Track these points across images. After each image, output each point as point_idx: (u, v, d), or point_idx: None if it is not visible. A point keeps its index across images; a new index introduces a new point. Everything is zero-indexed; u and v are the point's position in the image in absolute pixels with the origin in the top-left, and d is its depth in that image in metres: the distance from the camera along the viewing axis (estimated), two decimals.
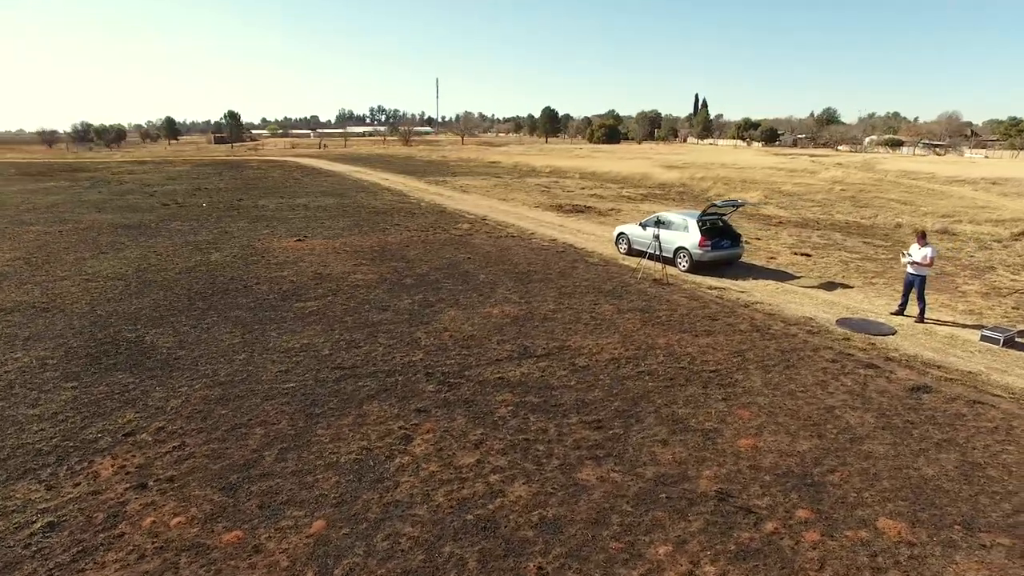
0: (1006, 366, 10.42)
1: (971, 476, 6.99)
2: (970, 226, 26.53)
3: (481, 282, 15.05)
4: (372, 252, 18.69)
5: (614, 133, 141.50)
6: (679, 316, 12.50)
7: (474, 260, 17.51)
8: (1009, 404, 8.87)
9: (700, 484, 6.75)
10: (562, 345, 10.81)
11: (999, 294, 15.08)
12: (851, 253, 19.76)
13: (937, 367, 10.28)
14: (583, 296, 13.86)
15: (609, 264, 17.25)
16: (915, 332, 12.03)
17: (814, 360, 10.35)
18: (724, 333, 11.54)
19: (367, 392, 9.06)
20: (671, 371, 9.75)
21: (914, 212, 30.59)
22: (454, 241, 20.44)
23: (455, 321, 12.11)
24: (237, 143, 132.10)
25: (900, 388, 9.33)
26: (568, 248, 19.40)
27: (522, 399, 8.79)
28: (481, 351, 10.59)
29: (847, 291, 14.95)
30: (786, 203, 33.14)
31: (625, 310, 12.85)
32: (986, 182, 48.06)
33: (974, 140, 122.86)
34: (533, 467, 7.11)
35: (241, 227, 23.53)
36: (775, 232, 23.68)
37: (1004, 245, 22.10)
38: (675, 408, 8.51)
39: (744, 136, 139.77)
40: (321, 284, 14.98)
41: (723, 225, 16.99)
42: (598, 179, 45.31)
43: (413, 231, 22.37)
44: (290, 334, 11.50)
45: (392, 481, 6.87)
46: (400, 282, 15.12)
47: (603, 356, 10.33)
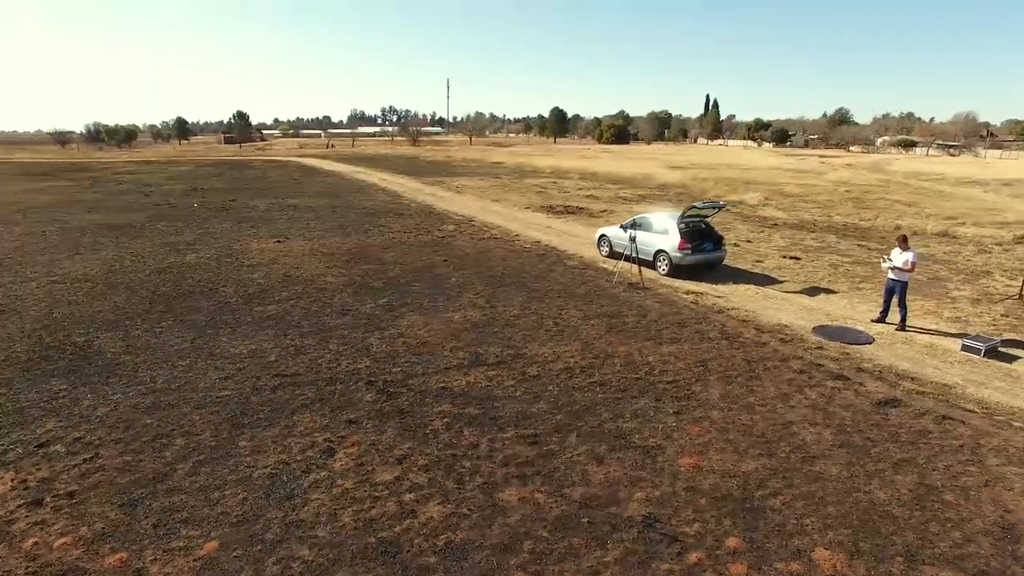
0: (984, 378, 9.85)
1: (925, 501, 6.47)
2: (973, 228, 25.77)
3: (451, 286, 14.64)
4: (349, 254, 18.34)
5: (623, 134, 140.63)
6: (647, 322, 12.01)
7: (450, 263, 17.11)
8: (980, 420, 8.31)
9: (629, 508, 6.28)
10: (517, 353, 10.36)
11: (990, 300, 14.45)
12: (843, 256, 19.15)
13: (911, 379, 9.73)
14: (552, 301, 13.40)
15: (587, 267, 16.77)
16: (894, 341, 11.47)
17: (780, 371, 9.83)
18: (691, 341, 11.04)
19: (302, 401, 8.67)
20: (625, 382, 9.27)
21: (917, 214, 29.84)
22: (435, 243, 20.05)
23: (413, 327, 11.70)
24: (246, 143, 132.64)
25: (867, 402, 8.80)
26: (549, 250, 18.95)
27: (461, 410, 8.35)
28: (432, 358, 10.17)
29: (830, 296, 14.38)
30: (786, 204, 32.46)
31: (592, 316, 12.38)
32: (997, 183, 47.05)
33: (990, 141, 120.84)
34: (453, 485, 6.67)
35: (225, 228, 23.28)
36: (768, 234, 23.09)
37: (1005, 248, 21.39)
38: (621, 422, 8.04)
39: (755, 137, 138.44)
40: (288, 287, 14.63)
41: (705, 227, 16.45)
42: (598, 180, 44.77)
43: (396, 233, 22.01)
44: (242, 339, 11.14)
45: (301, 499, 6.46)
46: (369, 285, 14.74)
47: (557, 365, 9.87)
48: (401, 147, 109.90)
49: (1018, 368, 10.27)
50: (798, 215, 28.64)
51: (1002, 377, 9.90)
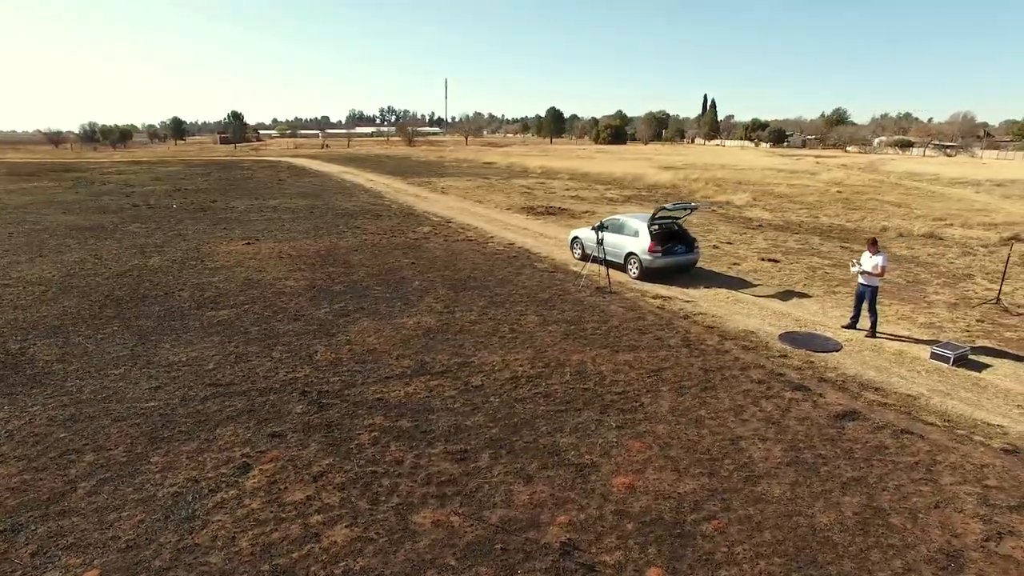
0: (951, 388, 9.42)
1: (869, 525, 6.03)
2: (960, 230, 25.38)
3: (412, 290, 14.20)
4: (317, 257, 17.90)
5: (620, 134, 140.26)
6: (607, 329, 11.57)
7: (417, 265, 16.67)
8: (940, 434, 7.88)
9: (548, 533, 5.84)
10: (464, 361, 9.93)
11: (968, 305, 14.02)
12: (823, 259, 18.72)
13: (874, 389, 9.29)
14: (513, 306, 12.96)
15: (557, 270, 16.33)
16: (862, 348, 11.04)
17: (738, 381, 9.39)
18: (649, 348, 10.60)
19: (229, 413, 8.23)
20: (572, 392, 8.83)
21: (906, 215, 29.45)
22: (407, 245, 19.61)
23: (363, 333, 11.27)
24: (241, 143, 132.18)
25: (824, 415, 8.36)
26: (521, 253, 18.51)
27: (393, 423, 7.92)
28: (375, 367, 9.73)
29: (803, 301, 13.94)
30: (774, 205, 32.05)
31: (551, 322, 11.94)
32: (991, 184, 46.68)
33: (987, 141, 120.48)
34: (366, 506, 6.24)
35: (198, 229, 22.84)
36: (751, 236, 22.65)
37: (990, 250, 20.97)
38: (558, 437, 7.60)
39: (752, 137, 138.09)
40: (246, 291, 14.19)
41: (678, 229, 16.01)
42: (588, 180, 44.34)
43: (370, 234, 21.57)
44: (184, 346, 10.70)
45: (201, 520, 6.02)
46: (329, 289, 14.30)
47: (504, 374, 9.43)
48: (396, 147, 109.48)
49: (986, 377, 9.85)
50: (784, 216, 28.21)
51: (969, 387, 9.47)
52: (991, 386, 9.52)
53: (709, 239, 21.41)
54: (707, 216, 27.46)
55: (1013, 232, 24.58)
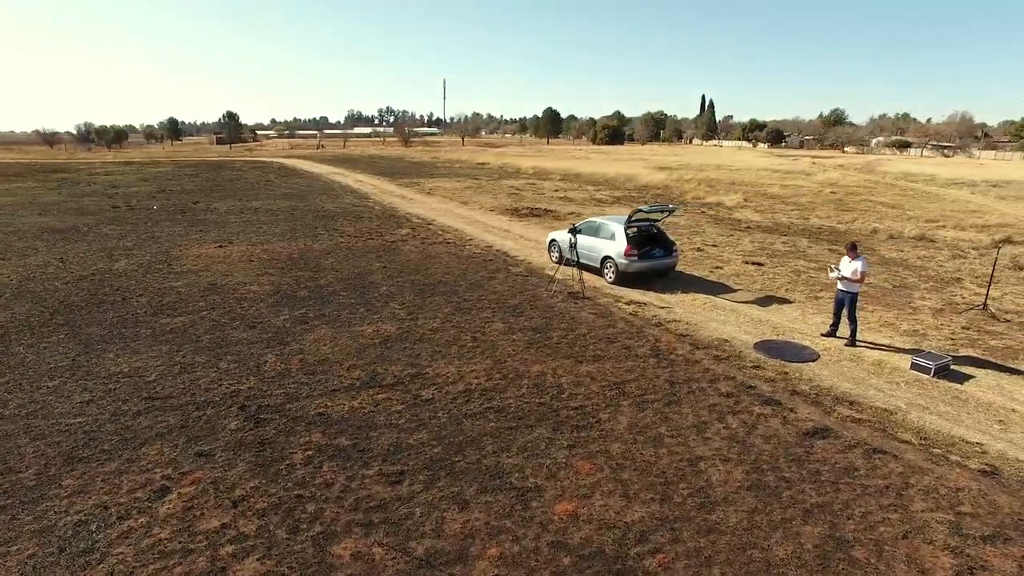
0: (930, 402, 8.91)
1: (830, 559, 5.52)
2: (953, 232, 24.91)
3: (379, 295, 13.69)
4: (287, 260, 17.39)
5: (617, 134, 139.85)
6: (573, 337, 11.06)
7: (389, 269, 16.16)
8: (915, 454, 7.37)
9: (475, 568, 5.33)
10: (418, 372, 9.42)
11: (954, 311, 13.52)
12: (809, 262, 18.22)
13: (849, 403, 8.79)
14: (479, 312, 12.45)
15: (532, 274, 15.82)
16: (841, 358, 10.54)
17: (705, 394, 8.89)
18: (615, 359, 10.09)
19: (160, 430, 7.71)
20: (526, 407, 8.32)
21: (898, 216, 28.99)
22: (382, 248, 19.10)
23: (318, 341, 10.76)
24: (237, 144, 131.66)
25: (793, 432, 7.86)
26: (498, 256, 17.99)
27: (330, 441, 7.41)
28: (324, 378, 9.22)
29: (783, 307, 13.44)
30: (765, 206, 31.56)
31: (517, 329, 11.44)
32: (987, 184, 46.27)
33: (984, 141, 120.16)
34: (284, 535, 5.72)
35: (173, 232, 22.33)
36: (737, 238, 22.14)
37: (981, 253, 20.48)
38: (504, 458, 7.09)
39: (750, 137, 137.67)
40: (207, 296, 13.67)
41: (655, 232, 15.50)
42: (579, 181, 43.85)
43: (347, 237, 21.06)
44: (130, 355, 10.19)
45: (100, 553, 5.51)
46: (293, 295, 13.79)
47: (457, 387, 8.92)
48: (392, 148, 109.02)
49: (968, 389, 9.35)
50: (774, 217, 27.73)
51: (949, 400, 8.97)
52: (972, 399, 9.02)
53: (694, 241, 20.93)
54: (695, 217, 26.98)
55: (1005, 234, 24.12)
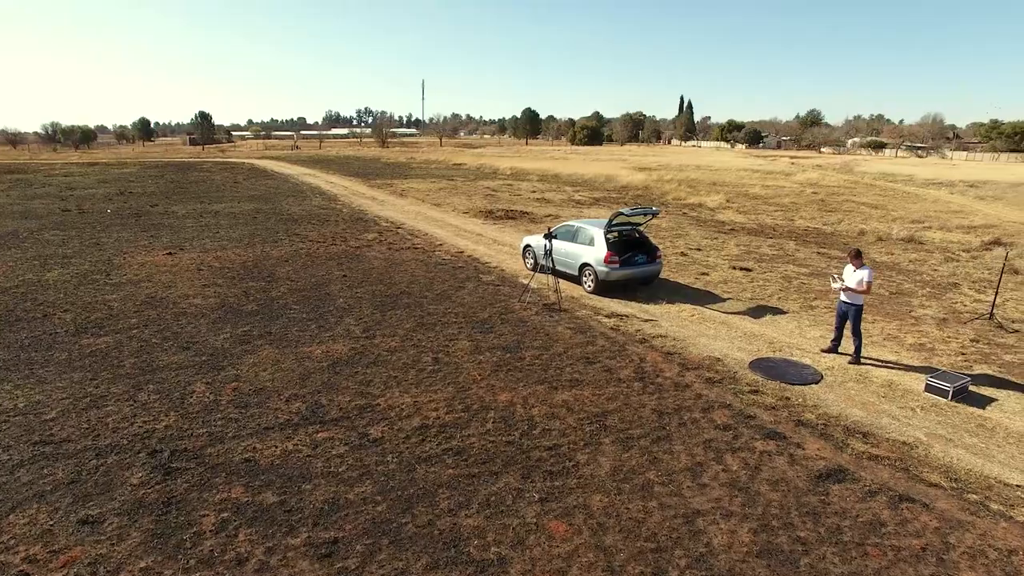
0: (952, 432, 7.83)
1: None
2: (940, 233, 24.19)
3: (334, 309, 12.35)
4: (241, 268, 15.95)
5: (596, 135, 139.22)
6: (548, 358, 9.83)
7: (349, 278, 14.81)
8: (948, 502, 6.24)
9: None
10: (368, 404, 8.12)
11: (958, 320, 12.55)
12: (799, 267, 17.21)
13: (862, 435, 7.66)
14: (445, 328, 11.18)
15: (505, 283, 14.58)
16: (846, 378, 9.43)
17: (699, 427, 7.70)
18: (595, 384, 8.88)
19: (42, 487, 6.33)
20: (492, 448, 7.07)
21: (883, 217, 28.27)
22: (345, 254, 17.72)
23: (259, 366, 9.40)
24: (210, 144, 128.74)
25: (804, 475, 6.70)
26: (469, 263, 16.72)
27: (253, 498, 6.08)
28: (257, 412, 7.88)
29: (778, 318, 12.35)
30: (748, 207, 30.68)
31: (485, 348, 10.18)
32: (964, 184, 46.09)
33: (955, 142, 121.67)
34: None
35: (121, 238, 20.72)
36: (722, 241, 21.12)
37: (972, 256, 19.68)
38: (462, 517, 5.83)
39: (728, 138, 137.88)
40: (143, 312, 12.23)
41: (638, 237, 14.34)
42: (557, 182, 42.72)
43: (309, 242, 19.64)
44: (33, 385, 8.76)
45: None
46: (239, 309, 12.39)
47: (412, 422, 7.63)
48: (368, 149, 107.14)
49: (992, 415, 8.29)
50: (758, 219, 26.82)
51: (974, 429, 7.89)
52: (1000, 428, 7.96)
53: (677, 245, 19.85)
54: (677, 219, 25.95)
55: (993, 236, 23.41)
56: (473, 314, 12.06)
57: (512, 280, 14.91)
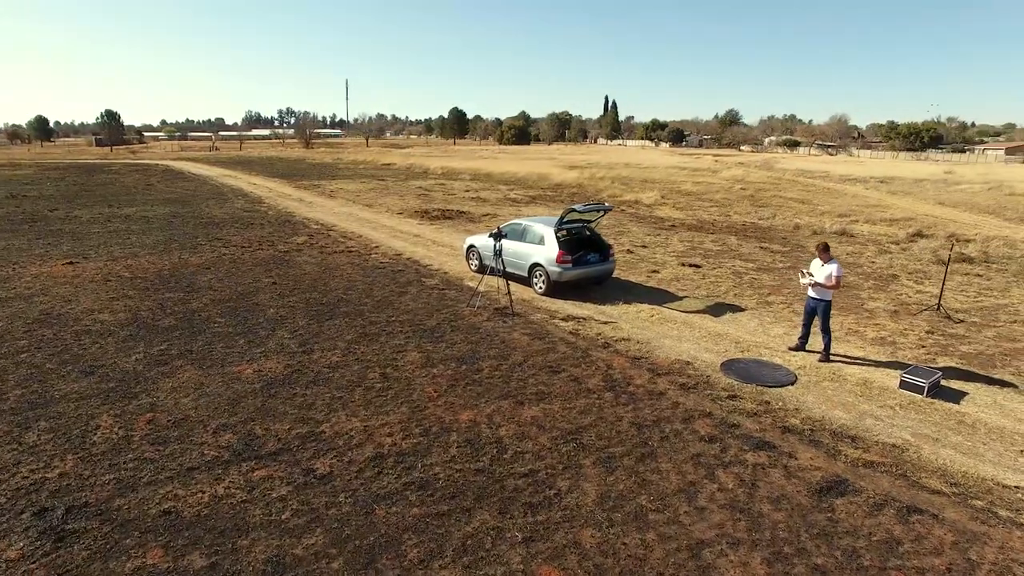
0: (936, 430, 7.51)
1: None
2: (866, 226, 24.90)
3: (265, 320, 11.10)
4: (155, 278, 14.32)
5: (524, 134, 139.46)
6: (508, 368, 9.00)
7: (280, 286, 13.50)
8: (956, 511, 5.81)
9: None
10: (311, 432, 7.05)
11: (908, 312, 12.56)
12: (746, 262, 17.07)
13: (851, 439, 7.22)
14: (390, 338, 10.17)
15: (450, 286, 13.65)
16: (820, 377, 9.05)
17: (683, 440, 7.05)
18: (563, 397, 8.11)
19: None
20: (460, 478, 6.17)
21: (812, 212, 28.97)
22: (274, 259, 16.31)
23: (179, 391, 8.13)
24: (119, 145, 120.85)
25: (804, 489, 6.14)
26: (409, 265, 15.68)
27: (175, 563, 4.96)
28: (179, 449, 6.67)
29: (738, 316, 11.97)
30: (683, 203, 30.85)
31: (438, 360, 9.25)
32: (876, 180, 48.31)
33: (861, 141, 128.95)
34: None
35: (11, 246, 18.46)
36: (665, 237, 20.88)
37: (902, 248, 20.20)
38: (435, 570, 4.91)
39: (652, 137, 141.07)
40: (36, 331, 10.60)
41: (589, 235, 13.71)
42: (490, 180, 41.96)
43: (234, 247, 18.05)
44: None
45: None
46: (154, 324, 10.94)
47: (364, 451, 6.63)
48: (292, 150, 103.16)
49: (968, 410, 8.07)
50: (696, 215, 26.91)
51: (956, 427, 7.62)
52: (980, 424, 7.72)
53: (622, 242, 19.43)
54: (617, 216, 25.65)
55: (915, 228, 24.24)
56: (420, 322, 11.09)
57: (457, 283, 13.99)
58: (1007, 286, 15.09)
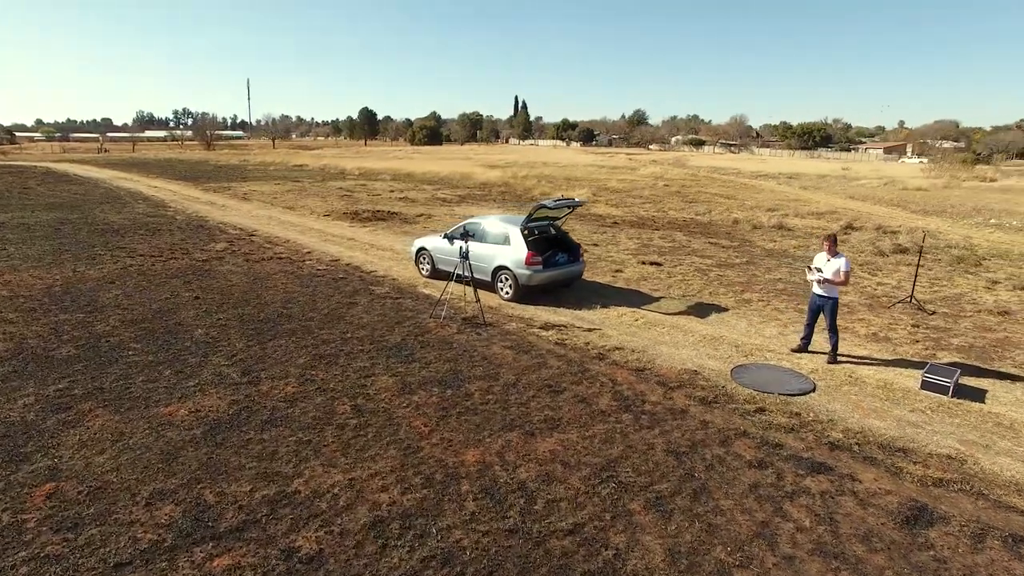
0: (980, 436, 6.91)
1: None
2: (797, 219, 25.30)
3: (193, 344, 9.26)
4: (45, 296, 11.97)
5: (436, 135, 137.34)
6: (502, 389, 7.72)
7: (204, 300, 11.57)
8: None
9: None
10: (282, 492, 5.50)
11: (881, 304, 12.26)
12: (703, 258, 16.53)
13: (902, 452, 6.46)
14: (351, 359, 8.64)
15: (404, 295, 12.18)
16: (837, 381, 8.34)
17: (730, 467, 6.04)
18: (578, 422, 6.93)
19: None
20: (490, 545, 4.86)
21: (741, 206, 29.26)
22: (192, 270, 14.20)
23: (90, 447, 6.31)
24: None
25: (887, 520, 5.26)
26: (351, 272, 14.03)
27: None
28: (97, 536, 4.97)
29: (724, 316, 11.22)
30: (616, 200, 30.46)
31: (415, 384, 7.84)
32: (784, 176, 50.18)
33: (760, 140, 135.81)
34: None
35: None
36: (612, 235, 20.15)
37: (841, 240, 20.34)
38: None
39: (563, 137, 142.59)
40: None
41: (556, 233, 12.62)
42: (413, 180, 40.24)
43: (141, 257, 15.69)
44: None
45: None
46: (47, 355, 8.86)
47: (358, 516, 5.18)
48: (192, 151, 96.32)
49: (997, 410, 7.60)
50: (633, 211, 26.49)
51: (997, 430, 7.07)
52: (1017, 425, 7.22)
53: None
54: None
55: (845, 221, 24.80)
56: (381, 338, 9.60)
57: (411, 291, 12.53)
58: (950, 275, 15.26)
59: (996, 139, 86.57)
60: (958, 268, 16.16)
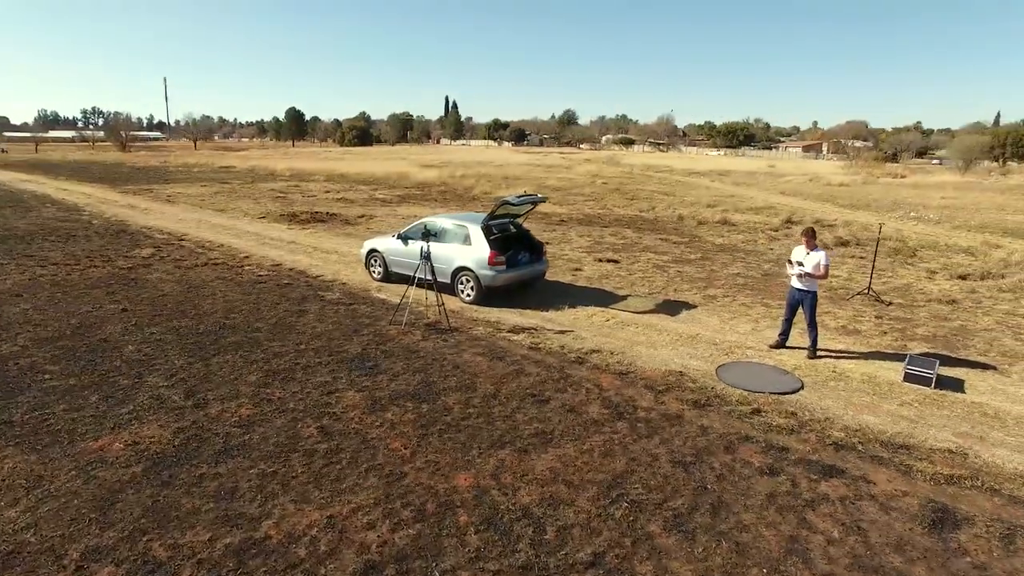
0: (972, 427, 6.82)
1: None
2: (738, 215, 25.66)
3: (124, 362, 8.18)
4: None
5: (366, 135, 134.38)
6: (482, 402, 7.09)
7: (133, 313, 10.39)
8: None
9: None
10: (249, 539, 4.70)
11: (839, 296, 12.33)
12: (657, 254, 16.37)
13: (905, 450, 6.24)
14: (310, 374, 7.81)
15: (357, 300, 11.35)
16: (822, 377, 8.14)
17: (741, 476, 5.64)
18: (571, 434, 6.39)
19: None
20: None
21: (682, 203, 29.53)
22: (116, 278, 12.85)
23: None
24: None
25: (913, 525, 4.98)
26: (296, 277, 13.04)
27: None
28: None
29: (694, 313, 10.95)
30: (558, 198, 30.21)
31: (387, 400, 7.10)
32: (715, 174, 51.43)
33: (687, 139, 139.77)
34: None
35: None
36: (563, 232, 19.80)
37: (785, 234, 20.75)
38: None
39: (495, 137, 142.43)
40: None
41: (517, 231, 12.06)
42: (348, 181, 38.88)
43: (54, 266, 14.12)
44: None
45: None
46: None
47: (346, 563, 4.46)
48: (106, 153, 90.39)
49: (986, 401, 7.56)
50: (577, 208, 26.33)
51: (985, 420, 7.03)
52: (1002, 414, 7.18)
53: None
54: None
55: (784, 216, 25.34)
56: (339, 348, 8.78)
57: (364, 295, 11.70)
58: (892, 267, 15.61)
59: (898, 139, 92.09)
60: (897, 259, 16.59)
